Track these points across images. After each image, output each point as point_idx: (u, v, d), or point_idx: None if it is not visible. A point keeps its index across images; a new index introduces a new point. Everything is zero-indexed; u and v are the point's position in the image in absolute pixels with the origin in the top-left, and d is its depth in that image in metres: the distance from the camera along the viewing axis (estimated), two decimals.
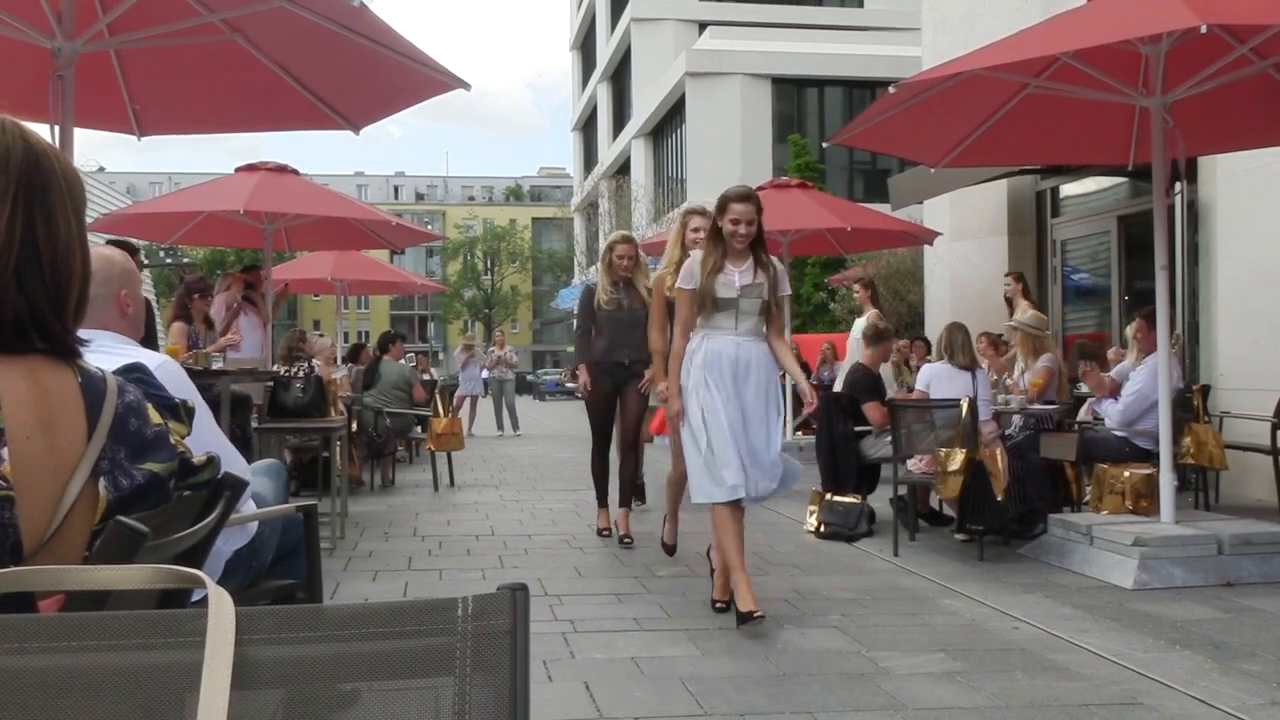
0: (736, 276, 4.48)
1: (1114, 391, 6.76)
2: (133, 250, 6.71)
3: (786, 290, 4.71)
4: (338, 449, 7.02)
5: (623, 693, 3.43)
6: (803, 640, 4.09)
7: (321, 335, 12.74)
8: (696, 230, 5.48)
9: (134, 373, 1.50)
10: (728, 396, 4.39)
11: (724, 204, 4.56)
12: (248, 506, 2.47)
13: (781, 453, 4.55)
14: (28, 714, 0.94)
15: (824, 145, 12.39)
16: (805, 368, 8.33)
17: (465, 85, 5.28)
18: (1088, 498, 6.40)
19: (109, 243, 6.45)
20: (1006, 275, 9.38)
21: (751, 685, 3.51)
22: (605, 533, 6.49)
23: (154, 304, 12.64)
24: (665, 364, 4.98)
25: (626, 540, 6.18)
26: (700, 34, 31.24)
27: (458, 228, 70.17)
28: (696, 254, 4.63)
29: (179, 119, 6.28)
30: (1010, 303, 8.99)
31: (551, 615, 4.48)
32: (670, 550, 5.80)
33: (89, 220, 1.47)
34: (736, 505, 4.36)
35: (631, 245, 6.58)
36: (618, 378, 6.38)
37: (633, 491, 6.61)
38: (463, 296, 66.35)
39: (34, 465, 1.29)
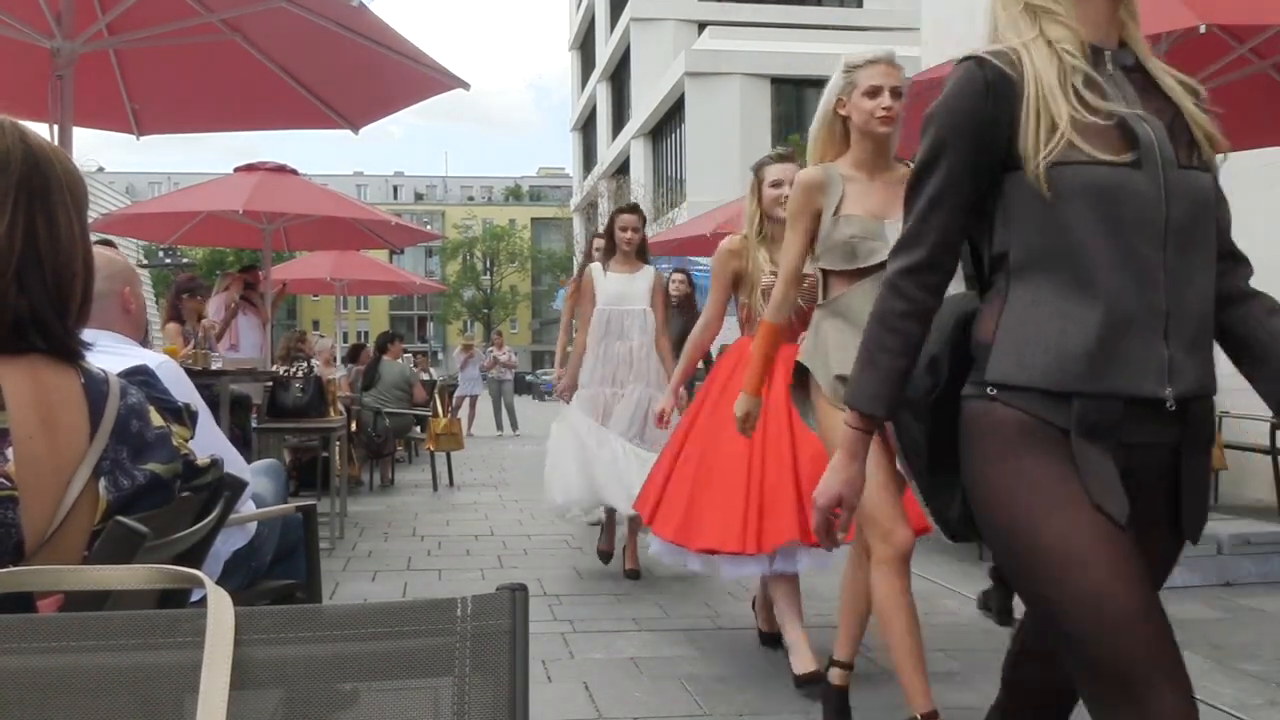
0: None
1: None
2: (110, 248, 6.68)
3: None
4: (337, 449, 7.03)
5: (622, 693, 3.43)
6: None
7: (322, 336, 12.74)
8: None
9: (138, 375, 1.50)
10: None
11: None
12: (247, 507, 2.47)
13: None
14: (27, 714, 0.94)
15: None
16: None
17: (465, 85, 5.28)
18: None
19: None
20: None
21: (751, 685, 3.51)
22: None
23: (154, 304, 12.63)
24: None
25: None
26: (699, 34, 31.24)
27: (457, 228, 70.08)
28: None
29: (178, 118, 6.28)
30: None
31: (551, 615, 4.48)
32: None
33: (89, 220, 1.47)
34: None
35: None
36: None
37: None
38: (462, 297, 66.31)
39: (36, 465, 1.29)
